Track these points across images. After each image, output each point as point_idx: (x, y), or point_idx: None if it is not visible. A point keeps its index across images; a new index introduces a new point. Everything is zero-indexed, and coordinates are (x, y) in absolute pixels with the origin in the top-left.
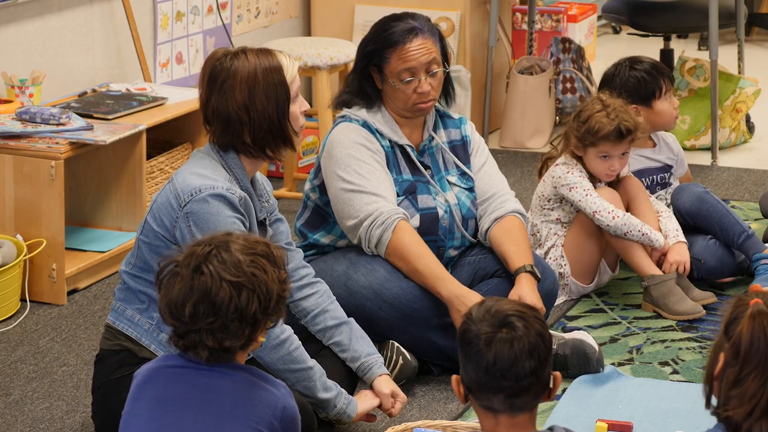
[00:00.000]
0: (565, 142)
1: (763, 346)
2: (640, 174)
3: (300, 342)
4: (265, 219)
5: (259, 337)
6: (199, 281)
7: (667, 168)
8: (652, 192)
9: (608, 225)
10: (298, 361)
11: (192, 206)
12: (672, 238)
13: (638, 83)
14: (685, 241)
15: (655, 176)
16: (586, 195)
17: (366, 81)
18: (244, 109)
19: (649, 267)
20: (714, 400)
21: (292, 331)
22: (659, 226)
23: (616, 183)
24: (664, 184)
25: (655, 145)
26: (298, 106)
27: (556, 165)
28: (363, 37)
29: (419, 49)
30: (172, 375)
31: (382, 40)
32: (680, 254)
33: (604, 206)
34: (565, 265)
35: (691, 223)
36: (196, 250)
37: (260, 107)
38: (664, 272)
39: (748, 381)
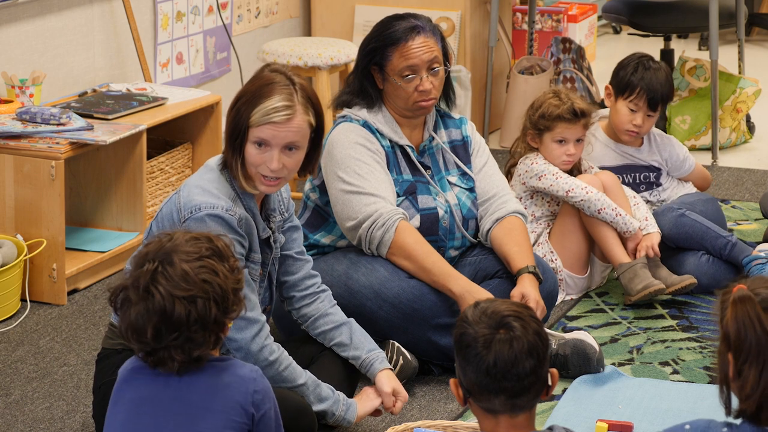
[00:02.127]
0: (521, 138)
1: (751, 332)
2: (621, 170)
3: (291, 360)
4: (269, 237)
5: (227, 332)
6: (153, 303)
7: (652, 168)
8: (636, 191)
9: (582, 200)
10: (289, 380)
11: (189, 224)
12: (642, 229)
13: (625, 71)
14: (658, 230)
15: (637, 174)
16: (556, 178)
17: (367, 80)
18: (227, 118)
19: (620, 256)
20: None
21: (283, 350)
22: (632, 214)
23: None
24: (650, 184)
25: (641, 144)
26: (265, 156)
27: (520, 163)
28: (365, 37)
29: (421, 47)
30: (147, 376)
31: (384, 38)
32: (649, 239)
33: (576, 183)
34: (555, 259)
35: (674, 247)
36: (141, 272)
37: (228, 126)
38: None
39: (746, 371)
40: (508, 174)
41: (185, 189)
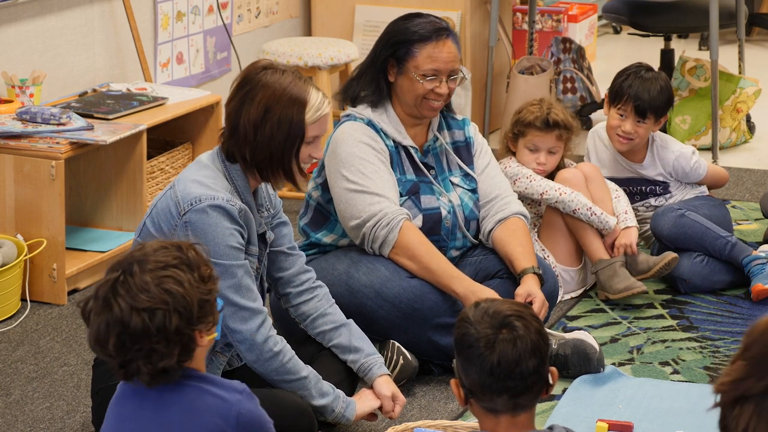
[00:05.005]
0: (503, 141)
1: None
2: (628, 182)
3: (293, 353)
4: (265, 233)
5: (202, 342)
6: (112, 315)
7: (657, 182)
8: (643, 199)
9: (557, 201)
10: (292, 372)
11: (191, 216)
12: (621, 222)
13: (618, 79)
14: (636, 225)
15: (643, 187)
16: (530, 181)
17: (381, 72)
18: (252, 127)
19: (598, 251)
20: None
21: (286, 342)
22: (612, 209)
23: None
24: (657, 195)
25: (643, 159)
26: (311, 148)
27: None
28: (385, 30)
29: (449, 53)
30: (132, 391)
31: (412, 34)
32: (627, 237)
33: (549, 185)
34: (548, 256)
35: (673, 248)
36: (104, 280)
37: (268, 132)
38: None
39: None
40: None
41: (180, 183)
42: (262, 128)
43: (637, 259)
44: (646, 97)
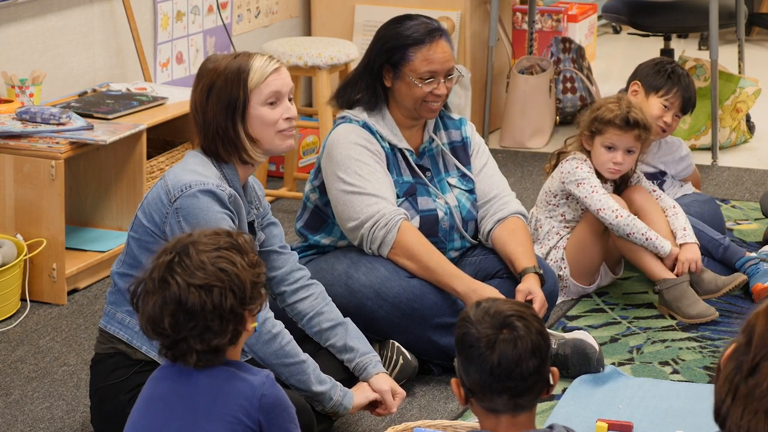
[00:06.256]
0: (577, 138)
1: None
2: None
3: (291, 337)
4: (253, 221)
5: (248, 326)
6: (169, 292)
7: (656, 176)
8: None
9: (611, 224)
10: (291, 354)
11: (182, 201)
12: (680, 238)
13: (657, 70)
14: (696, 241)
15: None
16: (593, 192)
17: (378, 78)
18: (199, 110)
19: (660, 271)
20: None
21: (284, 325)
22: (669, 232)
23: (621, 191)
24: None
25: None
26: (279, 109)
27: (566, 160)
28: (377, 35)
29: (444, 54)
30: (163, 373)
31: (405, 38)
32: (690, 253)
33: (609, 204)
34: (565, 267)
35: None
36: (159, 262)
37: (211, 111)
38: (677, 275)
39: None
40: (556, 161)
41: (170, 174)
42: (205, 108)
43: (704, 277)
44: (692, 95)
